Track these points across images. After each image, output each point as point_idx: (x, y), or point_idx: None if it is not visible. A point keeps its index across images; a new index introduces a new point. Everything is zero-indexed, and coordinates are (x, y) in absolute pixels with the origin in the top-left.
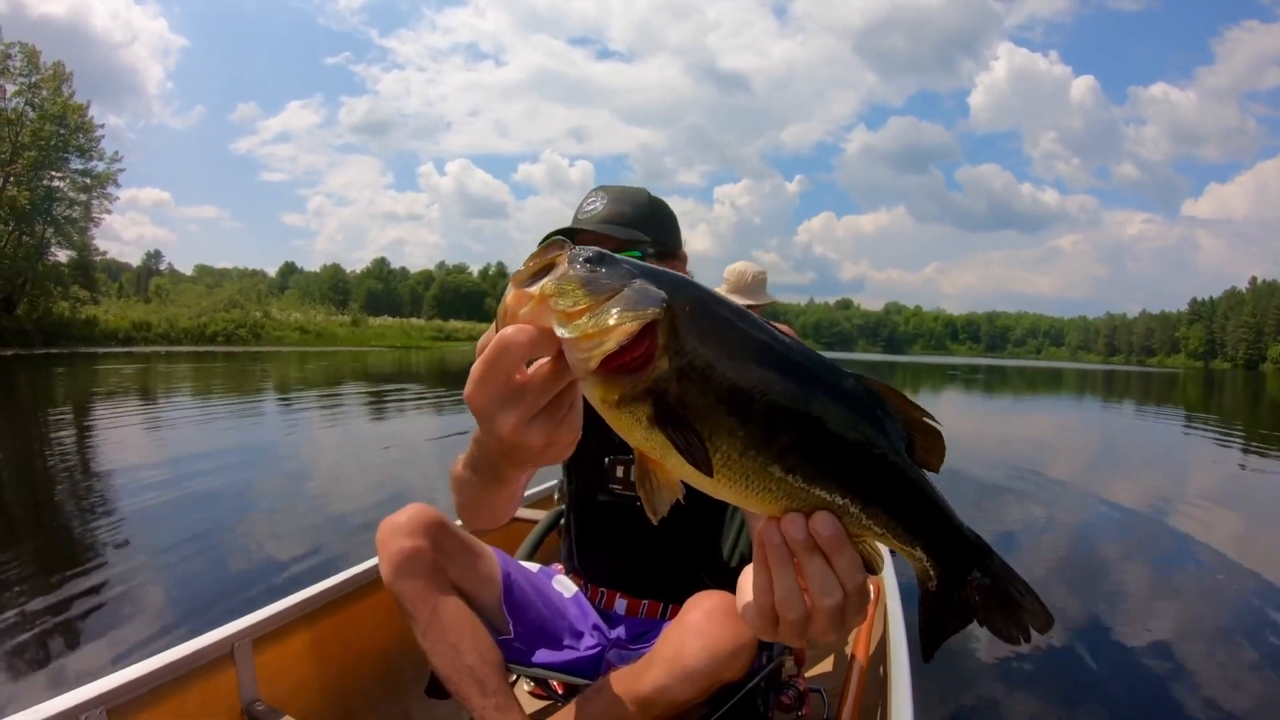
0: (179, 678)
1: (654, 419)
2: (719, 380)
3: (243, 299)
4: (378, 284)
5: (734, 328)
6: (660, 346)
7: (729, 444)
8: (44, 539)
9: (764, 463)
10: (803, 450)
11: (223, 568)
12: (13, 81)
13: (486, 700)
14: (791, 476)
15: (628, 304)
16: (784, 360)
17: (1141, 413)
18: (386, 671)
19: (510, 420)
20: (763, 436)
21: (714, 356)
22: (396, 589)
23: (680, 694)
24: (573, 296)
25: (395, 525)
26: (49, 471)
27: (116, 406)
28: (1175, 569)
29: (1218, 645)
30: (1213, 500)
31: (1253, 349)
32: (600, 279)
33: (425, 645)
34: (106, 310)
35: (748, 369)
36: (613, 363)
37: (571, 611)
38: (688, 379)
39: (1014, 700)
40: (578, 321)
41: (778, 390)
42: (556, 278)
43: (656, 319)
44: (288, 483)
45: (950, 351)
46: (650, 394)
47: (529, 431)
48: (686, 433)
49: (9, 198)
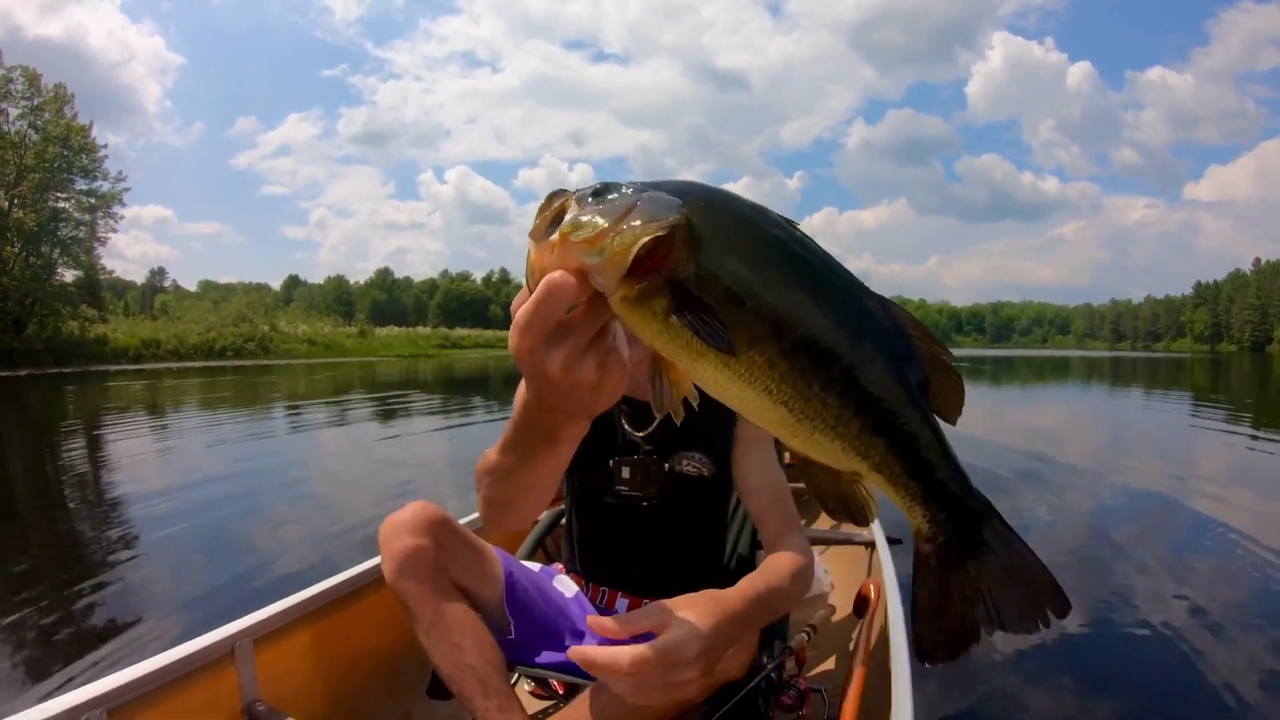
0: (179, 678)
1: (671, 308)
2: (734, 270)
3: (250, 313)
4: (382, 294)
5: (747, 221)
6: (679, 244)
7: (739, 335)
8: (52, 545)
9: (770, 359)
10: (811, 352)
11: (227, 570)
12: (15, 105)
13: (489, 701)
14: (795, 377)
15: (646, 214)
16: (801, 260)
17: (1149, 398)
18: (388, 672)
19: (560, 357)
20: (772, 331)
21: (733, 247)
22: (399, 588)
23: (681, 693)
24: (591, 226)
25: (398, 523)
26: (62, 483)
27: (130, 421)
28: (1191, 552)
29: (1235, 629)
30: (1225, 481)
31: (1258, 330)
32: (612, 203)
33: (427, 645)
34: (115, 328)
35: (763, 264)
36: (640, 268)
37: (573, 611)
38: (705, 267)
39: (1020, 698)
40: (602, 243)
41: (791, 287)
42: (571, 217)
43: (676, 219)
44: (299, 487)
45: (956, 343)
46: (669, 284)
47: (581, 366)
48: (705, 314)
49: (16, 220)
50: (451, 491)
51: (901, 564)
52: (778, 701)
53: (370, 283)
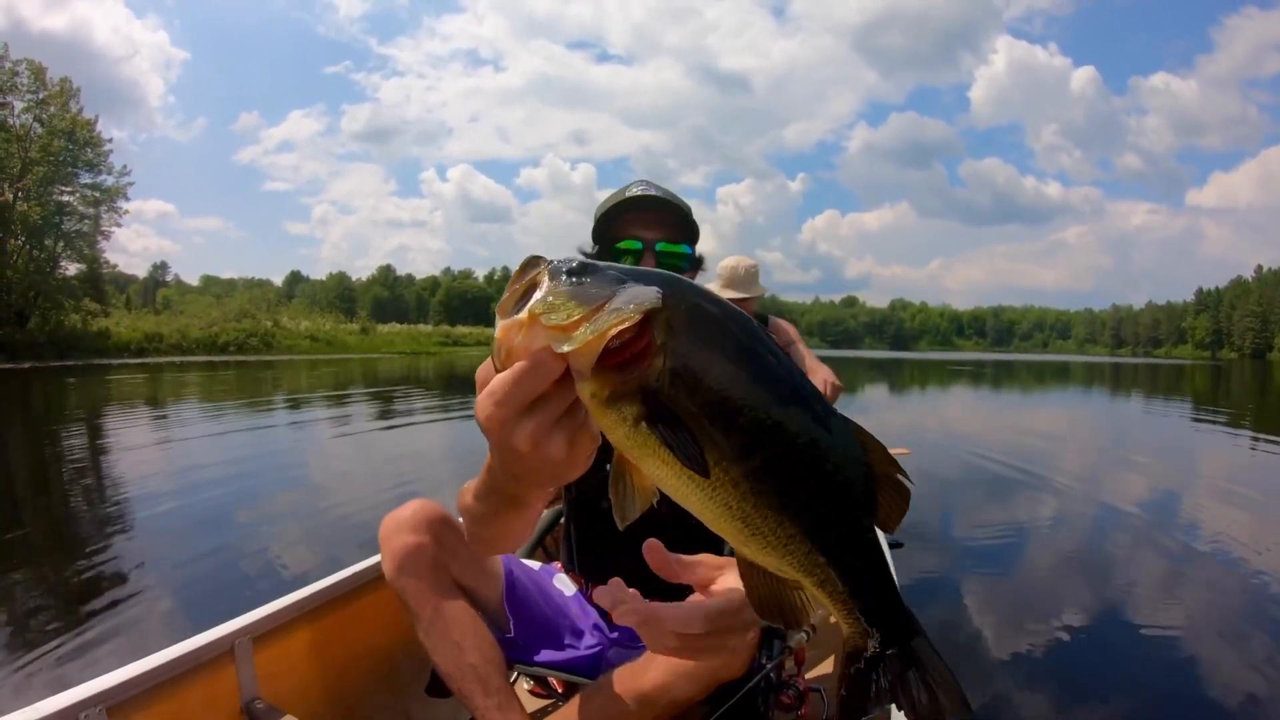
0: (179, 675)
1: (641, 417)
2: (710, 385)
3: (253, 308)
4: (384, 291)
5: (729, 333)
6: (656, 345)
7: (708, 451)
8: (52, 538)
9: (734, 479)
10: (776, 477)
11: (226, 565)
12: (20, 98)
13: (488, 699)
14: (757, 498)
15: (623, 304)
16: (776, 377)
17: (1150, 404)
18: (387, 670)
19: (529, 429)
20: (742, 451)
21: (708, 360)
22: (399, 585)
23: (680, 692)
24: (565, 310)
25: (398, 521)
26: (62, 475)
27: (132, 414)
28: (1190, 561)
29: (1231, 638)
30: (1224, 489)
31: (1259, 338)
32: (589, 288)
33: (427, 643)
34: (117, 322)
35: (739, 378)
36: (611, 360)
37: (572, 610)
38: (680, 379)
39: (1020, 700)
40: (575, 334)
41: (765, 408)
42: (543, 295)
43: (654, 310)
44: (301, 482)
45: (957, 347)
46: (641, 391)
47: (550, 442)
48: (681, 432)
49: (20, 213)
50: (452, 489)
51: (901, 566)
52: (777, 701)
53: (372, 279)
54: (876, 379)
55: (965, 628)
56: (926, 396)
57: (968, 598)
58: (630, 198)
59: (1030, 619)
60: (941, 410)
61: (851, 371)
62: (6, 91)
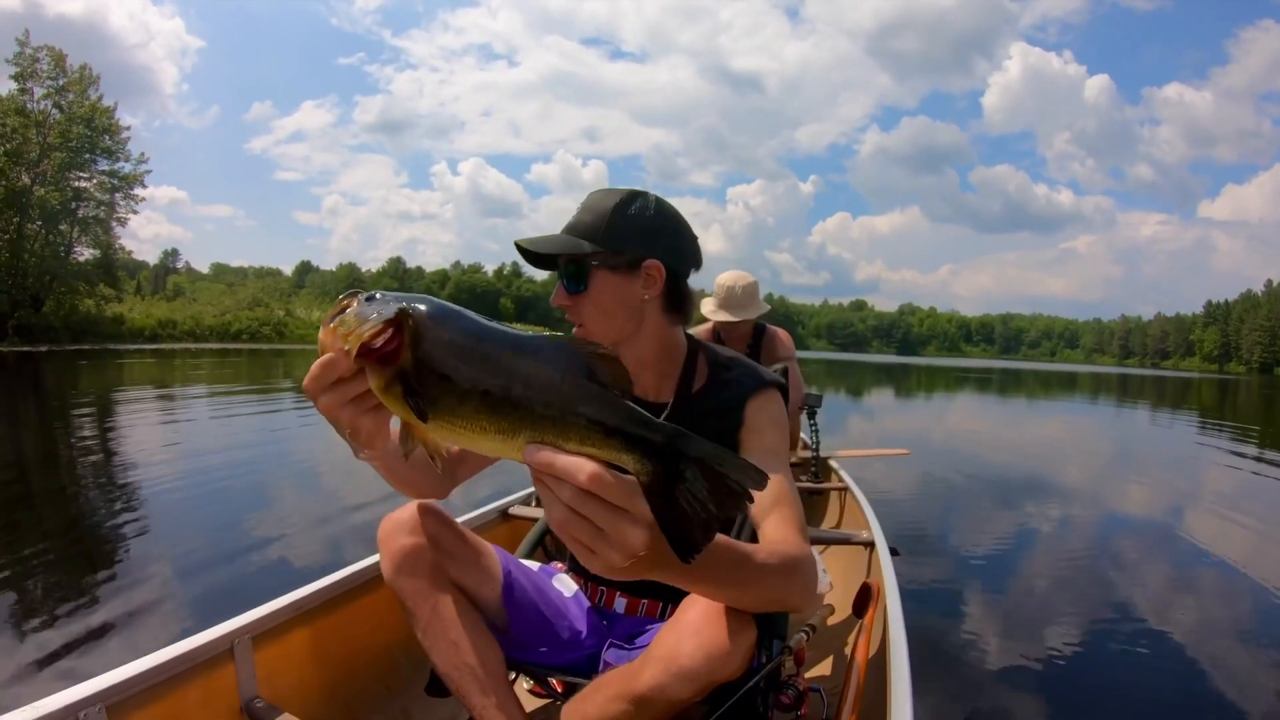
0: (178, 674)
1: (403, 392)
2: (441, 358)
3: (266, 297)
4: (393, 283)
5: (457, 324)
6: (405, 344)
7: (450, 401)
8: (53, 533)
9: (473, 410)
10: (501, 399)
11: (228, 559)
12: (41, 85)
13: (486, 699)
14: (494, 417)
15: (377, 315)
16: (493, 335)
17: (1156, 417)
18: (387, 669)
19: (325, 401)
20: (471, 389)
21: (439, 344)
22: (397, 586)
23: (676, 693)
24: (347, 324)
25: (397, 522)
26: (71, 460)
27: (143, 399)
28: (1192, 573)
29: (1236, 651)
30: (1229, 505)
31: (1268, 352)
32: (367, 309)
33: (425, 643)
34: (131, 308)
35: (464, 345)
36: (368, 355)
37: (572, 610)
38: (421, 362)
39: (1018, 702)
40: (349, 335)
41: (482, 353)
42: (342, 314)
43: (399, 319)
44: (304, 475)
45: (964, 353)
46: (400, 376)
47: (342, 412)
48: (417, 397)
49: (39, 198)
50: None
51: (900, 566)
52: (776, 701)
53: (382, 271)
54: (883, 383)
55: (964, 635)
56: (932, 402)
57: (967, 605)
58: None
59: (1031, 627)
60: (946, 416)
61: (858, 376)
62: (27, 78)
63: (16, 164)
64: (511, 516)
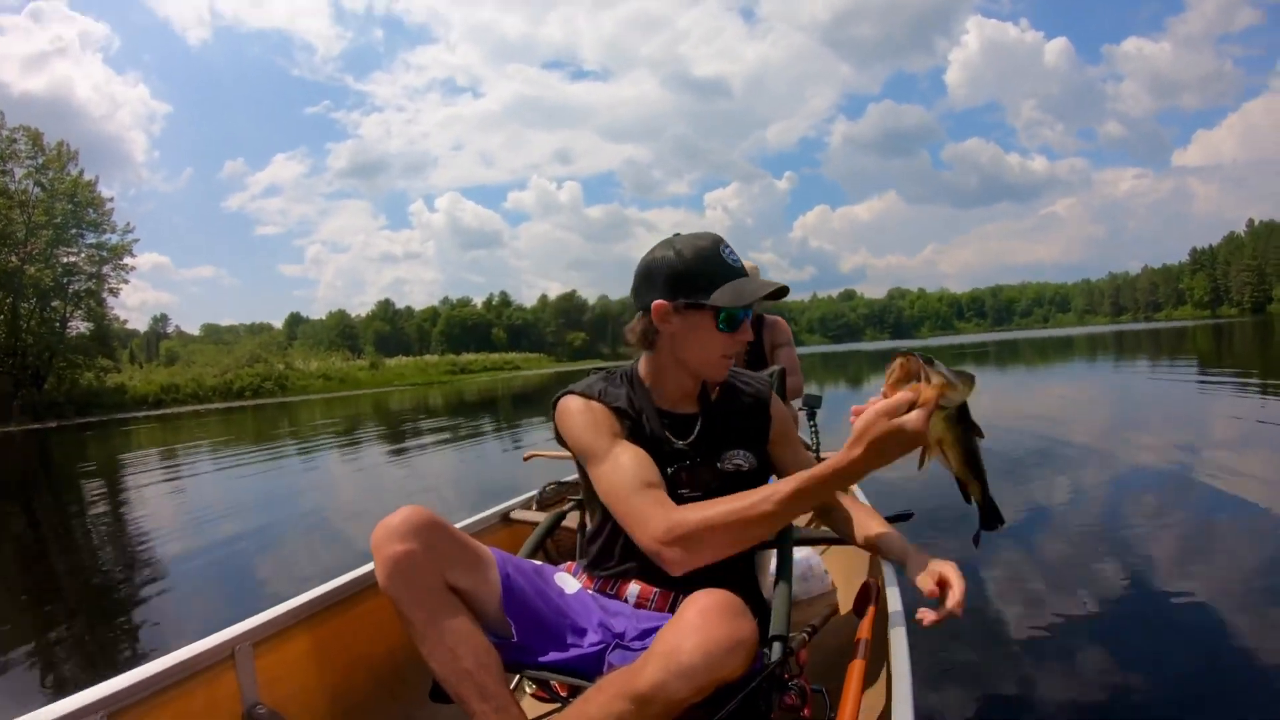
0: (180, 681)
1: (947, 419)
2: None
3: (263, 353)
4: (385, 325)
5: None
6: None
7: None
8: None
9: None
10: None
11: (229, 574)
12: (21, 165)
13: (486, 704)
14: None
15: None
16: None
17: (1155, 369)
18: (389, 675)
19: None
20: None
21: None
22: (392, 593)
23: (677, 692)
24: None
25: (389, 528)
26: (82, 517)
27: (164, 463)
28: (1210, 526)
29: (1257, 609)
30: (1238, 448)
31: (1258, 291)
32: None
33: (423, 650)
34: (131, 376)
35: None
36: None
37: (573, 609)
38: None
39: (1021, 701)
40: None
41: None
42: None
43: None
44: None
45: (958, 330)
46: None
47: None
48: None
49: (31, 277)
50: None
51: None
52: (779, 701)
53: (372, 315)
54: (880, 371)
55: (966, 634)
56: None
57: (970, 602)
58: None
59: (1035, 623)
60: None
61: (855, 366)
62: (7, 159)
63: (4, 245)
64: (513, 520)
